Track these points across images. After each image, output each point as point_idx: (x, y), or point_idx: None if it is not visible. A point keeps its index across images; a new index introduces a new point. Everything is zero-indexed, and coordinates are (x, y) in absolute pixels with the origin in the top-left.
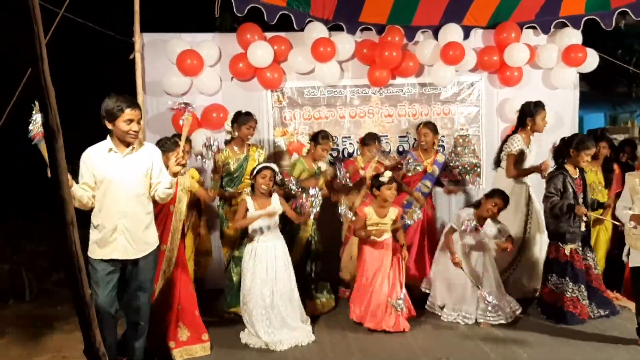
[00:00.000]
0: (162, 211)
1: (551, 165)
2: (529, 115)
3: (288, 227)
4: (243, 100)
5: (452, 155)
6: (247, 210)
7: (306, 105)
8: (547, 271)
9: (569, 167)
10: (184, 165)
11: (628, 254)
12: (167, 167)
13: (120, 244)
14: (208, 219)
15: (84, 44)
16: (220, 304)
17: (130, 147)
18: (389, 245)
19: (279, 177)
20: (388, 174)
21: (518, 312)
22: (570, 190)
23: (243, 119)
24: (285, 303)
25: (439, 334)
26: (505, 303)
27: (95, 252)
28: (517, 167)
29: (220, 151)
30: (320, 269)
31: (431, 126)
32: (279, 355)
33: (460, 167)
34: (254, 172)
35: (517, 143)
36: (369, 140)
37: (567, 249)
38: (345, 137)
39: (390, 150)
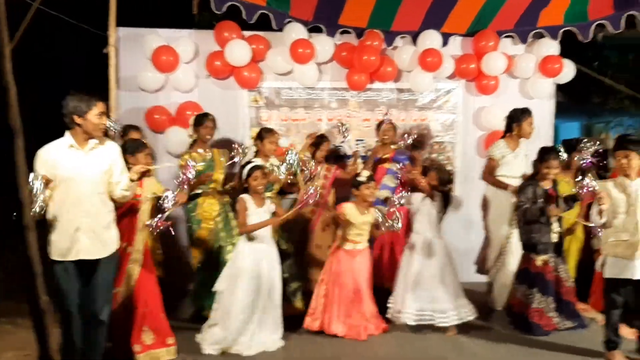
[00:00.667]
0: (128, 213)
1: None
2: (515, 120)
3: None
4: (219, 98)
5: (427, 161)
6: (246, 208)
7: (283, 106)
8: (518, 281)
9: (540, 179)
10: (145, 174)
11: (602, 264)
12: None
13: (83, 244)
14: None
15: (57, 37)
16: (193, 307)
17: (92, 144)
18: (365, 254)
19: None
20: (366, 173)
21: (468, 318)
22: (541, 200)
23: (199, 120)
24: (274, 305)
25: (408, 342)
26: (455, 305)
27: (59, 253)
28: (493, 172)
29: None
30: (292, 270)
31: (392, 123)
32: None
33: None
34: (245, 176)
35: (498, 148)
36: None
37: (539, 260)
38: None
39: (366, 154)
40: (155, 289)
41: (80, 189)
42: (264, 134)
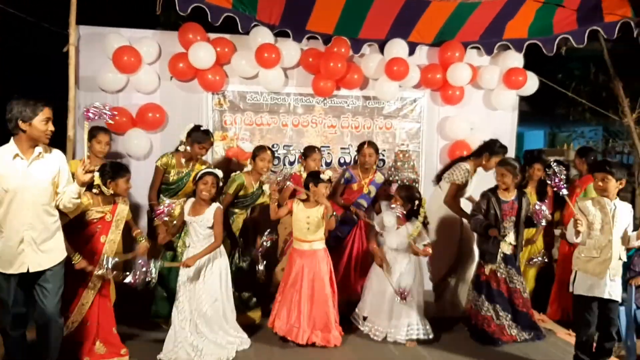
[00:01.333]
0: (92, 241)
1: None
2: (490, 152)
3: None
4: (182, 101)
5: (392, 169)
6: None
7: (248, 110)
8: (472, 288)
9: (500, 191)
10: (92, 172)
11: (573, 281)
12: (116, 192)
13: (28, 256)
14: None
15: (15, 35)
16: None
17: (37, 153)
18: (322, 256)
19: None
20: (329, 173)
21: (423, 337)
22: (493, 212)
23: (198, 136)
24: (217, 313)
25: (367, 354)
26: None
27: (1, 266)
28: (455, 197)
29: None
30: (245, 281)
31: (374, 147)
32: None
33: (399, 182)
34: (196, 178)
35: (463, 173)
36: (309, 152)
37: (487, 268)
38: (287, 146)
39: (332, 161)
40: (108, 303)
41: (23, 201)
42: (257, 152)
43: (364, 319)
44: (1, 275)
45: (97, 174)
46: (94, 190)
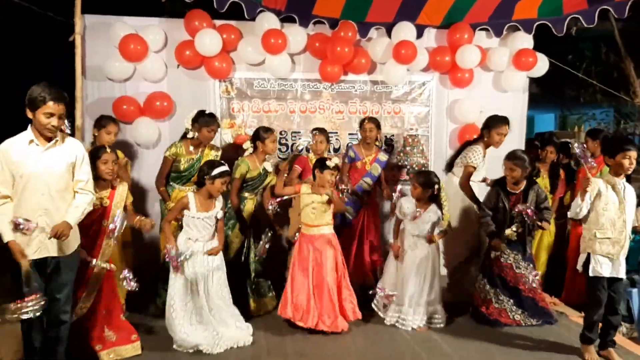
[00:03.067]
0: (93, 226)
1: None
2: (486, 127)
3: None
4: (189, 89)
5: (401, 154)
6: (186, 207)
7: (255, 97)
8: (479, 271)
9: (508, 182)
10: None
11: (584, 263)
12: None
13: (43, 242)
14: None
15: (21, 25)
16: (157, 301)
17: (53, 141)
18: (329, 241)
19: None
20: (336, 160)
21: (437, 325)
22: (502, 205)
23: (205, 120)
24: (219, 304)
25: (378, 338)
26: (428, 310)
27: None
28: (469, 180)
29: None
30: (259, 267)
31: (375, 122)
32: (213, 358)
33: (408, 167)
34: (213, 174)
35: (477, 155)
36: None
37: (492, 253)
38: (295, 132)
39: (340, 147)
40: (115, 291)
41: (38, 186)
42: (263, 133)
43: (384, 307)
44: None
45: None
46: None
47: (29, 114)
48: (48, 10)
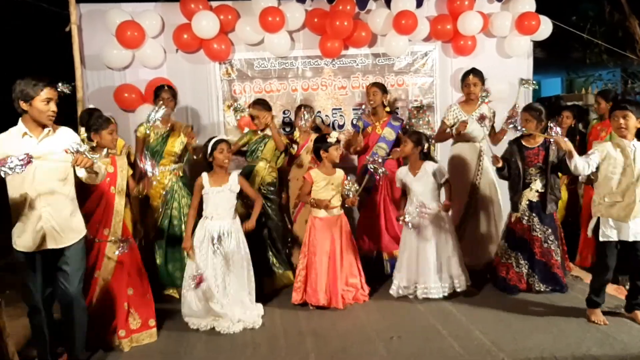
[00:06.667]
0: (103, 195)
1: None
2: (461, 83)
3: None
4: (189, 73)
5: (407, 127)
6: (202, 186)
7: (256, 77)
8: (502, 236)
9: (525, 138)
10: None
11: (594, 228)
12: (101, 145)
13: (47, 234)
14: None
15: (15, 18)
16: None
17: (47, 131)
18: (341, 222)
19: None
20: (335, 134)
21: (459, 289)
22: (514, 160)
23: (156, 92)
24: (241, 281)
25: (393, 312)
26: (448, 276)
27: (23, 245)
28: (443, 135)
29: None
30: (279, 242)
31: (379, 85)
32: (227, 339)
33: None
34: (210, 148)
35: (451, 112)
36: (297, 110)
37: (513, 216)
38: None
39: (344, 123)
40: (140, 268)
41: (37, 178)
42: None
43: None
44: (26, 257)
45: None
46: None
47: (24, 106)
48: (41, 1)
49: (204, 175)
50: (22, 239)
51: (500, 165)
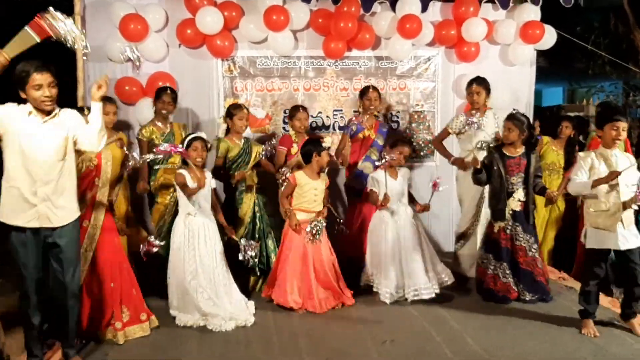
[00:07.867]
0: (87, 185)
1: None
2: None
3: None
4: (192, 68)
5: (407, 131)
6: (184, 183)
7: (258, 75)
8: (481, 247)
9: (506, 146)
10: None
11: (584, 235)
12: None
13: (40, 211)
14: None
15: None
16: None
17: (52, 114)
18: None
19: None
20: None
21: (447, 283)
22: (496, 168)
23: (158, 93)
24: (227, 275)
25: (387, 316)
26: (434, 274)
27: (11, 218)
28: (442, 141)
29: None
30: (273, 244)
31: (379, 91)
32: (221, 336)
33: (414, 144)
34: (185, 145)
35: (455, 120)
36: (294, 112)
37: (496, 226)
38: None
39: (345, 125)
40: (124, 262)
41: (37, 156)
42: (232, 110)
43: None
44: (16, 232)
45: None
46: None
47: (22, 95)
48: None
49: (183, 172)
50: (13, 212)
51: (478, 167)
